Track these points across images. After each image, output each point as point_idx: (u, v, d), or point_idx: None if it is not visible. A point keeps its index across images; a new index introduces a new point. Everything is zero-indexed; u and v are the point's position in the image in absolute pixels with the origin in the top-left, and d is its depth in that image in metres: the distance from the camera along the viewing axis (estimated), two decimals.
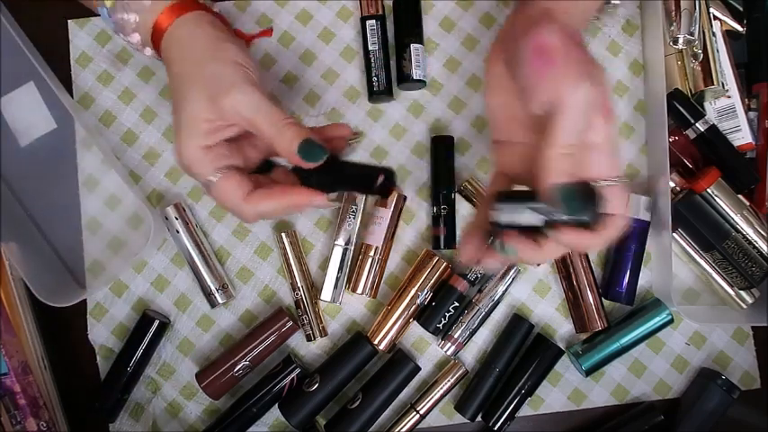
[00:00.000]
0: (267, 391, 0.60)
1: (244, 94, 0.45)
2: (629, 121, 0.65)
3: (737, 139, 0.62)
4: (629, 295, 0.61)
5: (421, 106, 0.65)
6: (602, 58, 0.65)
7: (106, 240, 0.64)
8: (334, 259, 0.61)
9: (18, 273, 0.60)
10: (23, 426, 0.58)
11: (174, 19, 0.48)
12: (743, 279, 0.61)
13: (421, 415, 0.60)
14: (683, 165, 0.63)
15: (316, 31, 0.65)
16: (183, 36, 0.48)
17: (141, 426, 0.62)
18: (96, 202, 0.64)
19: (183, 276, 0.64)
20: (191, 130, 0.46)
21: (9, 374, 0.58)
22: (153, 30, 0.49)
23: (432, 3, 0.65)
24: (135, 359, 0.61)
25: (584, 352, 0.61)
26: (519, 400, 0.60)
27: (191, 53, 0.47)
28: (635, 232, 0.61)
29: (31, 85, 0.64)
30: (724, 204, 0.60)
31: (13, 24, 0.61)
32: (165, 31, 0.48)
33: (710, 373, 0.61)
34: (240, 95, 0.45)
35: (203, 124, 0.45)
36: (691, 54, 0.61)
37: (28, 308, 0.61)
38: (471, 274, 0.60)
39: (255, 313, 0.63)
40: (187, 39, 0.48)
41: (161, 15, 0.48)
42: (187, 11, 0.48)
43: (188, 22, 0.48)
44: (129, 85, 0.65)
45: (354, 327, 0.63)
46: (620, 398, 0.63)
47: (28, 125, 0.64)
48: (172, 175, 0.64)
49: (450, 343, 0.61)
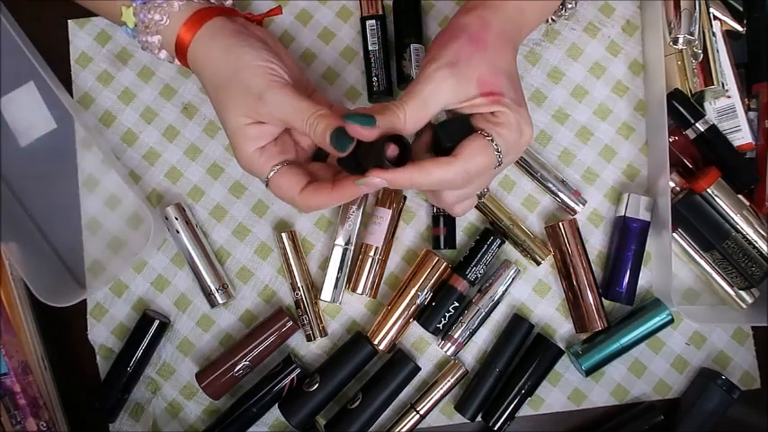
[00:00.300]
0: (267, 391, 0.60)
1: (271, 99, 0.47)
2: (629, 121, 0.65)
3: (737, 139, 0.62)
4: (629, 295, 0.61)
5: None
6: (602, 59, 0.65)
7: (106, 240, 0.64)
8: (334, 259, 0.61)
9: (18, 273, 0.60)
10: (23, 426, 0.58)
11: (192, 35, 0.50)
12: (743, 279, 0.61)
13: (421, 415, 0.60)
14: (683, 165, 0.63)
15: (316, 31, 0.65)
16: (201, 53, 0.50)
17: (141, 426, 0.62)
18: (96, 202, 0.64)
19: (183, 276, 0.64)
20: (240, 138, 0.48)
21: (9, 374, 0.58)
22: (176, 48, 0.51)
23: (432, 3, 0.65)
24: (135, 359, 0.61)
25: (584, 352, 0.61)
26: (519, 400, 0.60)
27: (214, 69, 0.49)
28: (635, 232, 0.61)
29: (31, 85, 0.64)
30: (724, 204, 0.60)
31: (13, 24, 0.61)
32: (187, 49, 0.50)
33: (710, 373, 0.61)
34: (268, 102, 0.47)
35: (250, 130, 0.48)
36: (691, 54, 0.61)
37: (28, 308, 0.61)
38: (471, 273, 0.60)
39: (255, 313, 0.63)
40: (206, 56, 0.50)
41: (180, 33, 0.50)
42: (201, 24, 0.50)
43: (203, 36, 0.50)
44: (129, 85, 0.65)
45: (354, 327, 0.63)
46: (620, 398, 0.63)
47: (28, 125, 0.64)
48: (172, 175, 0.64)
49: (450, 343, 0.61)
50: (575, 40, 0.65)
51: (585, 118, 0.65)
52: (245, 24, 0.53)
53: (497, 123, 0.47)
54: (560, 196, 0.62)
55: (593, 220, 0.64)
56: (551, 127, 0.64)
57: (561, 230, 0.60)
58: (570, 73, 0.65)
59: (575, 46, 0.65)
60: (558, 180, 0.62)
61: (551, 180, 0.62)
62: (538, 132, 0.64)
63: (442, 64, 0.46)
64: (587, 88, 0.65)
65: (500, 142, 0.47)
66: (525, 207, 0.64)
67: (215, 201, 0.64)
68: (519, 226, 0.62)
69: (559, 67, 0.65)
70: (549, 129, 0.64)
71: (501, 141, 0.47)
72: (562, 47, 0.65)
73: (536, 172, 0.62)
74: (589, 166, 0.64)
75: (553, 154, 0.64)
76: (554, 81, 0.65)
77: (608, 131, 0.65)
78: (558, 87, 0.65)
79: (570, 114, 0.65)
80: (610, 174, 0.64)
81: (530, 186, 0.64)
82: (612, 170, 0.64)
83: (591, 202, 0.64)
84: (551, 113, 0.65)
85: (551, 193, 0.62)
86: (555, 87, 0.65)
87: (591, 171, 0.64)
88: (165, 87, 0.65)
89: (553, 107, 0.65)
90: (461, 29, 0.48)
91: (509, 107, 0.47)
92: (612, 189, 0.64)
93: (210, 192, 0.64)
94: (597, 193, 0.64)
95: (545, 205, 0.64)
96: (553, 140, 0.64)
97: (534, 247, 0.61)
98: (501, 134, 0.47)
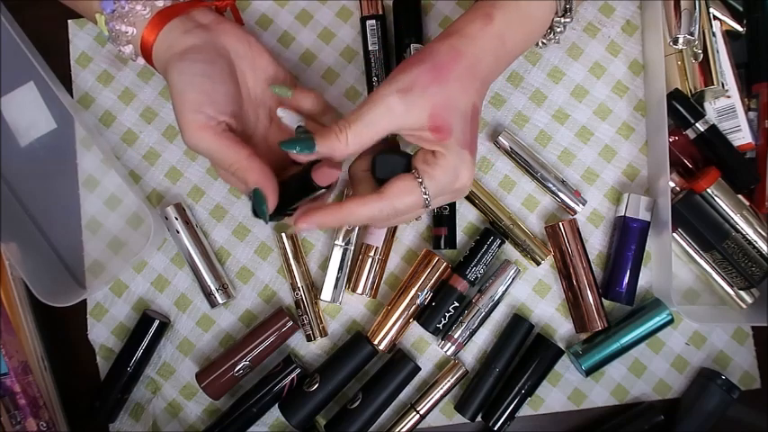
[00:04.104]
0: (267, 391, 0.60)
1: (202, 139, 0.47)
2: (629, 121, 0.65)
3: (737, 139, 0.62)
4: (629, 295, 0.61)
5: None
6: (602, 59, 0.65)
7: (106, 240, 0.64)
8: (334, 259, 0.61)
9: (18, 273, 0.60)
10: (23, 426, 0.58)
11: (156, 35, 0.49)
12: (743, 279, 0.61)
13: (421, 415, 0.60)
14: (683, 165, 0.63)
15: (316, 31, 0.65)
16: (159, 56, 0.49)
17: (141, 426, 0.62)
18: (96, 202, 0.64)
19: (183, 276, 0.64)
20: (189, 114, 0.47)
21: (9, 374, 0.58)
22: (141, 45, 0.50)
23: (432, 3, 0.65)
24: (135, 359, 0.61)
25: (584, 352, 0.61)
26: (519, 400, 0.60)
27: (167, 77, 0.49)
28: (635, 232, 0.61)
29: (31, 85, 0.64)
30: (724, 204, 0.60)
31: (13, 24, 0.60)
32: (152, 47, 0.49)
33: (710, 373, 0.61)
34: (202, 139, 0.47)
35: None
36: (691, 54, 0.61)
37: (28, 308, 0.61)
38: (471, 273, 0.60)
39: (255, 313, 0.64)
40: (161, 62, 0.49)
41: (145, 30, 0.49)
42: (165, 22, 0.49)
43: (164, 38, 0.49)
44: (129, 85, 0.65)
45: (354, 327, 0.63)
46: (620, 398, 0.63)
47: (28, 125, 0.64)
48: (172, 175, 0.64)
49: (450, 343, 0.61)
50: (575, 40, 0.65)
51: (585, 118, 0.65)
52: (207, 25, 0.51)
53: (433, 165, 0.46)
54: (560, 196, 0.62)
55: (593, 220, 0.64)
56: (551, 127, 0.64)
57: (561, 230, 0.60)
58: (570, 73, 0.65)
59: (575, 46, 0.65)
60: (558, 180, 0.62)
61: (551, 180, 0.62)
62: (538, 132, 0.64)
63: (394, 89, 0.45)
64: (587, 88, 0.65)
65: (430, 185, 0.46)
66: (525, 207, 0.64)
67: (215, 201, 0.64)
68: (519, 226, 0.62)
69: (559, 66, 0.65)
70: (549, 129, 0.64)
71: (431, 184, 0.46)
72: (562, 46, 0.65)
73: (536, 172, 0.62)
74: (589, 166, 0.64)
75: (553, 154, 0.64)
76: (554, 81, 0.65)
77: (608, 131, 0.65)
78: (558, 87, 0.65)
79: (570, 114, 0.65)
80: (610, 174, 0.64)
81: (530, 186, 0.64)
82: (612, 170, 0.64)
83: (591, 202, 0.64)
84: (551, 113, 0.65)
85: (551, 193, 0.62)
86: (555, 87, 0.65)
87: (591, 171, 0.64)
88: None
89: (553, 107, 0.65)
90: (430, 55, 0.46)
91: (450, 149, 0.46)
92: (612, 189, 0.64)
93: (210, 192, 0.64)
94: (597, 193, 0.64)
95: (545, 205, 0.64)
96: (553, 140, 0.64)
97: (534, 247, 0.61)
98: (434, 176, 0.46)
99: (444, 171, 0.46)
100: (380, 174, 0.48)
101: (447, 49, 0.46)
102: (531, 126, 0.64)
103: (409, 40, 0.62)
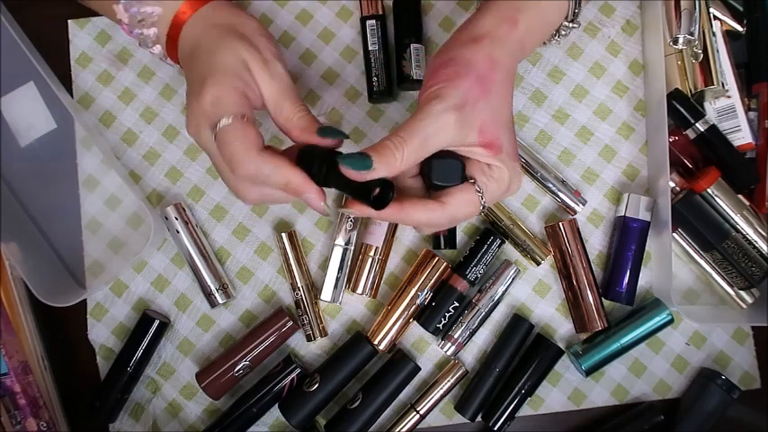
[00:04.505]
0: (267, 391, 0.60)
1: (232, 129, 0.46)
2: (629, 121, 0.65)
3: (737, 139, 0.62)
4: (629, 295, 0.61)
5: None
6: (602, 59, 0.65)
7: (106, 240, 0.64)
8: (334, 259, 0.61)
9: (18, 273, 0.60)
10: (23, 426, 0.58)
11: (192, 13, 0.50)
12: (743, 279, 0.61)
13: (421, 415, 0.60)
14: (683, 165, 0.63)
15: (316, 31, 0.65)
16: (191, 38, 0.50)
17: (141, 426, 0.62)
18: (96, 202, 0.64)
19: (183, 276, 0.64)
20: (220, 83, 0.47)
21: (9, 374, 0.58)
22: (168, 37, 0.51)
23: (432, 3, 0.65)
24: (135, 359, 0.61)
25: (584, 352, 0.61)
26: (519, 400, 0.60)
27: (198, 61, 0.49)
28: (635, 232, 0.61)
29: (31, 85, 0.64)
30: (724, 204, 0.60)
31: (13, 24, 0.61)
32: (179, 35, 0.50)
33: (710, 373, 0.61)
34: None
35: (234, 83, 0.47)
36: (691, 54, 0.61)
37: (28, 308, 0.61)
38: (471, 273, 0.60)
39: (255, 313, 0.63)
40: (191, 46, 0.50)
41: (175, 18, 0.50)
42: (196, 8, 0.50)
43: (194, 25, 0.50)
44: (129, 85, 0.65)
45: (354, 327, 0.63)
46: (620, 398, 0.63)
47: (28, 125, 0.64)
48: (172, 175, 0.64)
49: (450, 343, 0.61)
50: (575, 40, 0.65)
51: (585, 118, 0.65)
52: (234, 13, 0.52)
53: (489, 177, 0.47)
54: (560, 196, 0.62)
55: (593, 220, 0.64)
56: (551, 127, 0.64)
57: (561, 230, 0.60)
58: (570, 73, 0.65)
59: (575, 46, 0.65)
60: (558, 180, 0.62)
61: (551, 180, 0.62)
62: (537, 132, 0.64)
63: (450, 105, 0.44)
64: (587, 88, 0.65)
65: (488, 195, 0.47)
66: (525, 207, 0.64)
67: (215, 201, 0.64)
68: (519, 226, 0.62)
69: (559, 66, 0.65)
70: (549, 129, 0.64)
71: (488, 194, 0.47)
72: (562, 46, 0.65)
73: (536, 172, 0.62)
74: (589, 166, 0.64)
75: (553, 154, 0.64)
76: (554, 81, 0.65)
77: (608, 131, 0.65)
78: (559, 87, 0.65)
79: (570, 114, 0.65)
80: (610, 174, 0.64)
81: (530, 186, 0.64)
82: (612, 170, 0.64)
83: (591, 202, 0.64)
84: (551, 113, 0.65)
85: (551, 193, 0.62)
86: (555, 87, 0.65)
87: (591, 171, 0.64)
88: (165, 87, 0.65)
89: (553, 107, 0.65)
90: (469, 66, 0.46)
91: (504, 163, 0.47)
92: (612, 189, 0.64)
93: (210, 192, 0.64)
94: (597, 193, 0.64)
95: (545, 205, 0.64)
96: (553, 140, 0.64)
97: (534, 247, 0.61)
98: (489, 189, 0.47)
99: (499, 184, 0.48)
100: (438, 179, 0.48)
101: (484, 57, 0.46)
102: (531, 126, 0.64)
103: (409, 40, 0.62)
